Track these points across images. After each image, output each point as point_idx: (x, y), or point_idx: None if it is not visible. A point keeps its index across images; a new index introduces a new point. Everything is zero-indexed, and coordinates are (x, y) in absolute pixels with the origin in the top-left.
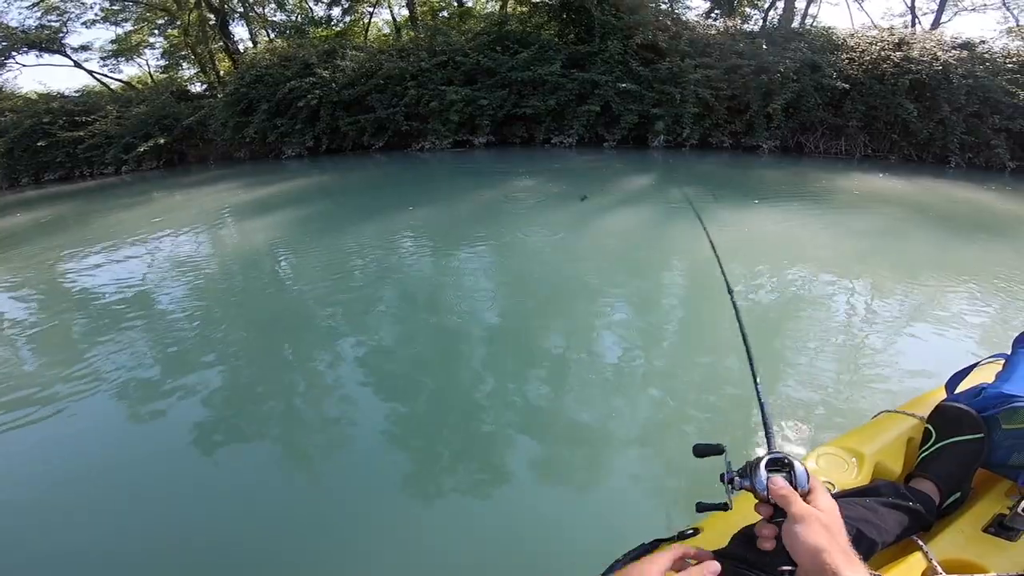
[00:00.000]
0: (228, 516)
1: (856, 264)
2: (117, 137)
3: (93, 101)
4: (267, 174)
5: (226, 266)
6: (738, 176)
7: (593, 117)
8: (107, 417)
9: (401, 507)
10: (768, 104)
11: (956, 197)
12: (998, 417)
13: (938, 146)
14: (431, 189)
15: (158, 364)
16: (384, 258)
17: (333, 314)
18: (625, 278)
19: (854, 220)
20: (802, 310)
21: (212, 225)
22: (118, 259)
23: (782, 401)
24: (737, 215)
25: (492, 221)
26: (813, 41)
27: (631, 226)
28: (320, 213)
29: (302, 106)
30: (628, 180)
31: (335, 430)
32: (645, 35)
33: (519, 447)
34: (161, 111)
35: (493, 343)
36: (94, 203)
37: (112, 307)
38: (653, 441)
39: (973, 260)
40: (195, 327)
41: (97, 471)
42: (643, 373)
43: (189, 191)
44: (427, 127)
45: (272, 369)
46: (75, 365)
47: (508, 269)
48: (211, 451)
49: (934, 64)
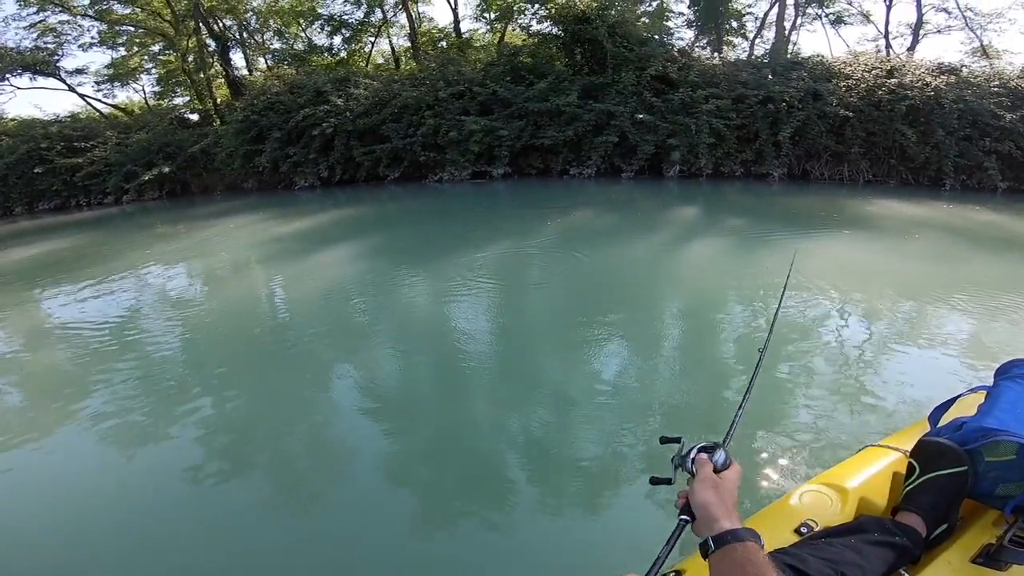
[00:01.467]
0: (226, 554)
1: (858, 292)
2: (117, 165)
3: (92, 127)
4: (282, 206)
5: (271, 308)
6: (768, 204)
7: (610, 148)
8: (104, 454)
9: (401, 537)
10: (777, 132)
11: (983, 220)
12: (981, 450)
13: (933, 169)
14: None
15: (167, 399)
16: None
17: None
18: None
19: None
20: (807, 341)
21: (250, 267)
22: (156, 300)
23: (763, 437)
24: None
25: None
26: (813, 70)
27: (713, 260)
28: (381, 247)
29: (316, 135)
30: (680, 211)
31: (336, 465)
32: (656, 67)
33: (514, 479)
34: (163, 138)
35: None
36: (107, 235)
37: (155, 354)
38: (643, 469)
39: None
40: (203, 364)
41: (92, 508)
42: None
43: (207, 225)
44: (445, 157)
45: (272, 403)
46: (79, 401)
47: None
48: (208, 487)
49: (926, 90)
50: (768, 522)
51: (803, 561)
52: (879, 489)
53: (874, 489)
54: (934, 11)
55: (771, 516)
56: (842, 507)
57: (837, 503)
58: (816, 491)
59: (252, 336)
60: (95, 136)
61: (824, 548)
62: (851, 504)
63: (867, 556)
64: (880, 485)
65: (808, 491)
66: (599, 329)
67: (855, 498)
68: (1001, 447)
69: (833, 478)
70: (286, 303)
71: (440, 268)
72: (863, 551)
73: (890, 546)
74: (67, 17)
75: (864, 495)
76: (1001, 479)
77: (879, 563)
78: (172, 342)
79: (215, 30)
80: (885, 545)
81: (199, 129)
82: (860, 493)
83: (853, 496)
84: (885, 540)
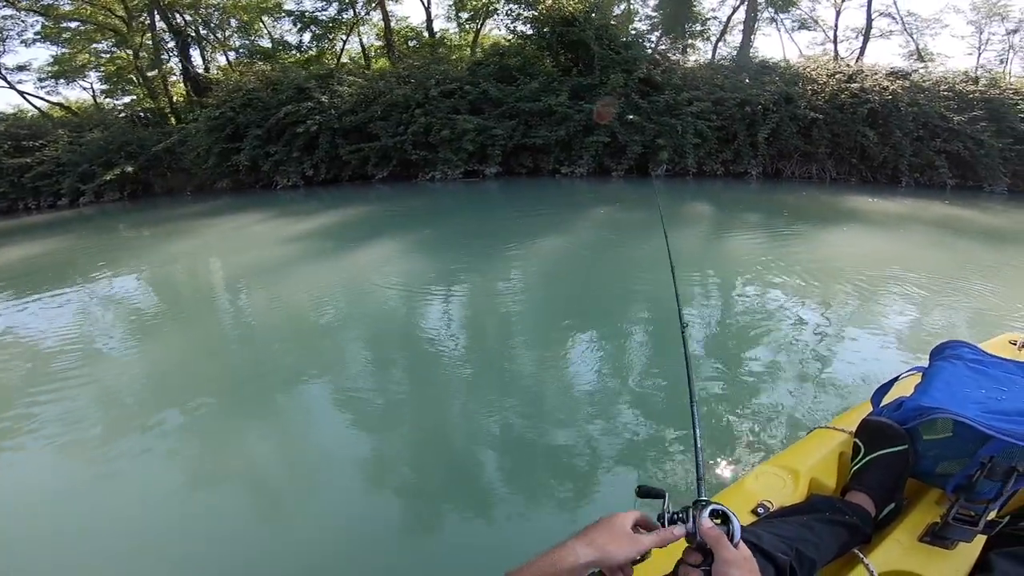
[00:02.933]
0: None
1: (807, 282)
2: (71, 165)
3: (40, 125)
4: (264, 207)
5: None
6: (767, 202)
7: (601, 148)
8: (75, 473)
9: (391, 537)
10: (756, 133)
11: (936, 213)
12: (919, 428)
13: (891, 167)
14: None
15: (134, 413)
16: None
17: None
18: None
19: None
20: (752, 328)
21: (242, 269)
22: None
23: (723, 421)
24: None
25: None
26: (783, 74)
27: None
28: (406, 246)
29: (301, 132)
30: (696, 207)
31: (321, 472)
32: (642, 70)
33: (498, 477)
34: (121, 137)
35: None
36: (85, 239)
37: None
38: (627, 465)
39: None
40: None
41: (67, 525)
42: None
43: (191, 227)
44: (437, 156)
45: (251, 412)
46: (35, 421)
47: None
48: (189, 502)
49: (884, 94)
50: (727, 503)
51: (759, 538)
52: (829, 469)
53: (824, 469)
54: (879, 16)
55: (730, 497)
56: (795, 488)
57: (790, 484)
58: (771, 472)
59: (228, 345)
60: (44, 135)
61: (779, 526)
62: (803, 484)
63: (819, 534)
64: (829, 465)
65: (764, 472)
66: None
67: (807, 478)
68: (938, 424)
69: (786, 460)
70: (278, 308)
71: (485, 266)
72: (816, 529)
73: (842, 525)
74: (11, 12)
75: (815, 475)
76: (941, 457)
77: (832, 541)
78: (153, 350)
79: (175, 25)
80: (837, 524)
81: (160, 128)
82: (811, 474)
83: (805, 477)
84: (836, 519)
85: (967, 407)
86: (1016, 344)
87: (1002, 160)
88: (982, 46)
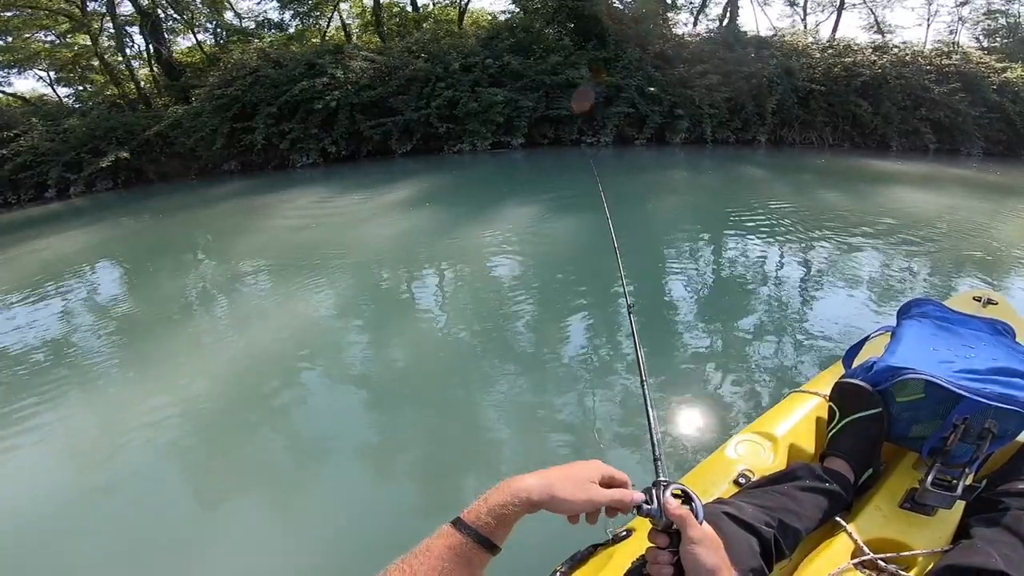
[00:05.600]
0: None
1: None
2: (52, 154)
3: (8, 114)
4: (285, 187)
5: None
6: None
7: (622, 118)
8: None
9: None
10: (763, 104)
11: (921, 172)
12: (891, 391)
13: (879, 134)
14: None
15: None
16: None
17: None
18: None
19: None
20: (720, 296)
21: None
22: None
23: (697, 388)
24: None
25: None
26: (781, 48)
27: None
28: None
29: (319, 108)
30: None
31: (330, 457)
32: (656, 45)
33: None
34: (106, 123)
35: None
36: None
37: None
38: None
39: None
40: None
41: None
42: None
43: (251, 207)
44: (464, 129)
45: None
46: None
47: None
48: (192, 498)
49: (874, 68)
50: (709, 475)
51: (740, 509)
52: (806, 435)
53: (802, 435)
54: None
55: (711, 468)
56: (775, 455)
57: (770, 452)
58: (749, 440)
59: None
60: (14, 124)
61: (760, 496)
62: (782, 451)
63: (801, 502)
64: (807, 431)
65: (742, 441)
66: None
67: (785, 445)
68: (909, 386)
69: (764, 426)
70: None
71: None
72: (797, 497)
73: (822, 492)
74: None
75: (793, 441)
76: (914, 419)
77: (813, 509)
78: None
79: (141, 4)
80: (817, 491)
81: (143, 113)
82: (789, 440)
83: (783, 443)
84: (816, 486)
85: (937, 366)
86: (980, 300)
87: (976, 127)
88: (931, 17)
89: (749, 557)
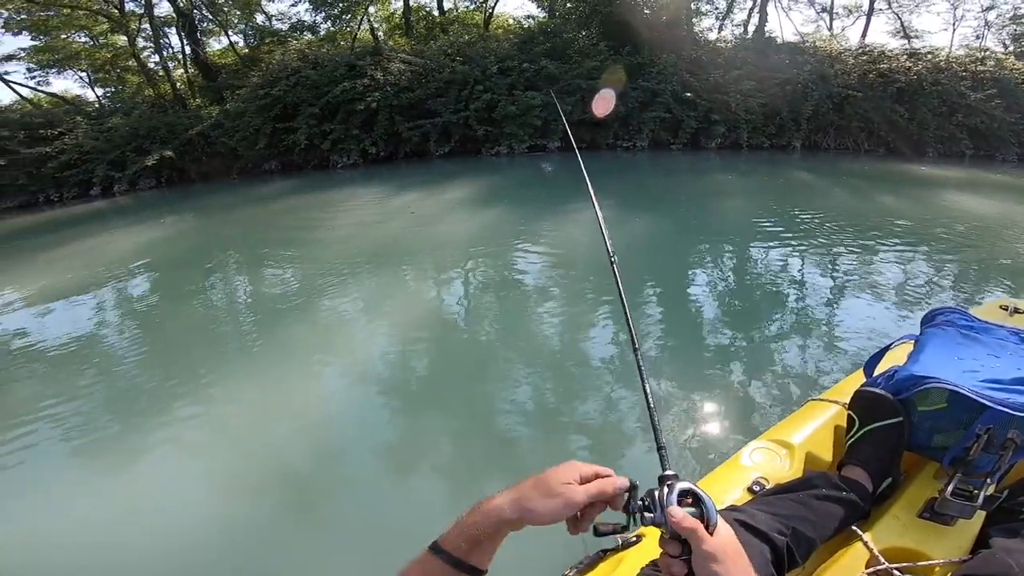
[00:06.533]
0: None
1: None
2: (97, 153)
3: (52, 113)
4: (334, 185)
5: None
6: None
7: (658, 123)
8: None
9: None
10: (801, 109)
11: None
12: (913, 399)
13: (915, 140)
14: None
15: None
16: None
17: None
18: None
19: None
20: (744, 297)
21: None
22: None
23: (714, 394)
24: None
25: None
26: (814, 55)
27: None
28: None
29: (360, 109)
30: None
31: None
32: (689, 51)
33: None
34: (149, 122)
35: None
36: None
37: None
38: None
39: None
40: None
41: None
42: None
43: (322, 202)
44: (502, 131)
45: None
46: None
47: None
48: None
49: (909, 74)
50: (722, 481)
51: (753, 517)
52: (824, 443)
53: (819, 443)
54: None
55: (724, 475)
56: (791, 463)
57: (785, 459)
58: (765, 448)
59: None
60: (59, 123)
61: (774, 504)
62: (798, 459)
63: (816, 511)
64: (824, 439)
65: (757, 448)
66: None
67: (802, 453)
68: (931, 395)
69: (779, 434)
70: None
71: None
72: (812, 506)
73: (838, 501)
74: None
75: (810, 450)
76: (936, 429)
77: (828, 518)
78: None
79: (180, 5)
80: (833, 500)
81: (187, 111)
82: (806, 448)
83: (800, 451)
84: (832, 495)
85: (961, 376)
86: (1008, 310)
87: (1011, 132)
88: (956, 22)
89: (761, 565)
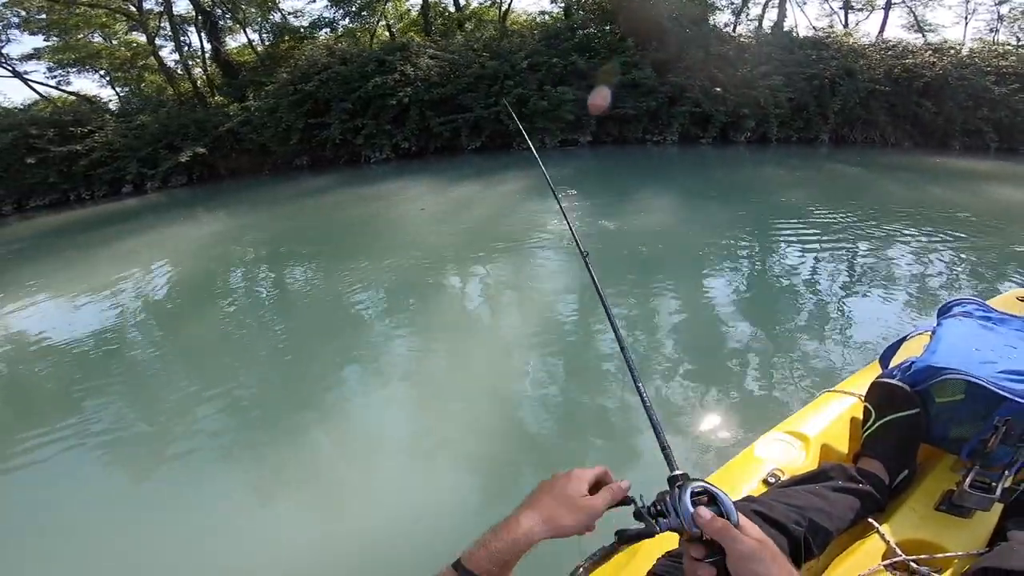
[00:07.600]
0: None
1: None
2: (128, 150)
3: (81, 111)
4: (372, 180)
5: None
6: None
7: (687, 117)
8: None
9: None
10: (829, 104)
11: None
12: (931, 391)
13: (941, 134)
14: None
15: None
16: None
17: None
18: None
19: None
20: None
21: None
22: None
23: (729, 386)
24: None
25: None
26: (839, 50)
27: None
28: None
29: (392, 104)
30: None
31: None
32: (715, 47)
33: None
34: (178, 119)
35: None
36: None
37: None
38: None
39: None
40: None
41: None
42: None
43: (378, 195)
44: (534, 126)
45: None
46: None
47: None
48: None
49: (935, 68)
50: (737, 473)
51: (770, 508)
52: (839, 435)
53: (835, 435)
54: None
55: (739, 467)
56: (806, 455)
57: (801, 451)
58: (780, 440)
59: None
60: (86, 122)
61: (790, 495)
62: (814, 451)
63: (832, 502)
64: (840, 431)
65: (772, 440)
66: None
67: (817, 445)
68: (949, 386)
69: (795, 425)
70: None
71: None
72: (828, 497)
73: (854, 493)
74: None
75: (826, 442)
76: (953, 421)
77: (845, 510)
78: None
79: (200, 2)
80: (849, 492)
81: (215, 108)
82: (822, 440)
83: (815, 443)
84: (849, 487)
85: (979, 367)
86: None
87: None
88: (969, 15)
89: None
